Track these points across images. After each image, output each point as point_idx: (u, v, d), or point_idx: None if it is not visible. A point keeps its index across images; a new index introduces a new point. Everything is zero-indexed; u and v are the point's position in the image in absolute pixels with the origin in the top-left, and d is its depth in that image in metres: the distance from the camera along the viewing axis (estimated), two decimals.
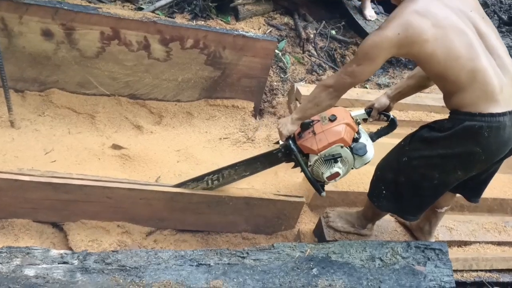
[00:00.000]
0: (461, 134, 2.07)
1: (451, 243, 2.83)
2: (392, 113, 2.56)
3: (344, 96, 3.55)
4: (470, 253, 2.84)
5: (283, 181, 3.18)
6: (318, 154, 2.30)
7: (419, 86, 2.45)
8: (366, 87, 4.14)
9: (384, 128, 2.57)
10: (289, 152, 2.44)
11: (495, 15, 4.61)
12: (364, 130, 2.48)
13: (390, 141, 2.57)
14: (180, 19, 3.75)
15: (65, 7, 2.98)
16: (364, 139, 2.40)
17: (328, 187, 2.99)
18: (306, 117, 2.32)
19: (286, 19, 4.24)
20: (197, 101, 3.55)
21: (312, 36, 4.19)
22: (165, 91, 3.44)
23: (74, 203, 2.56)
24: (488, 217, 3.17)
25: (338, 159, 2.28)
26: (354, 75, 2.09)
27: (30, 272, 1.98)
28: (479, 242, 2.92)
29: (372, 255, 2.41)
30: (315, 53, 4.16)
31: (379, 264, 2.38)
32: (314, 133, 2.32)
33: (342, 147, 2.29)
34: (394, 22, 1.98)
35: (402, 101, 3.62)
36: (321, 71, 4.07)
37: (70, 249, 2.55)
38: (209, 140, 3.42)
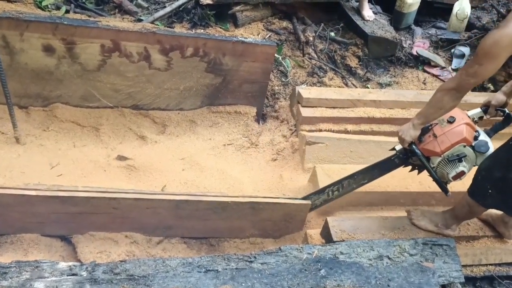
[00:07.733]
0: None
1: (459, 239, 2.82)
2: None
3: (344, 97, 3.58)
4: (478, 247, 2.83)
5: (288, 184, 3.18)
6: (442, 155, 2.41)
7: None
8: (367, 87, 4.14)
9: (499, 123, 2.63)
10: (406, 157, 2.56)
11: (494, 9, 4.60)
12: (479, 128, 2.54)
13: None
14: (179, 29, 3.77)
15: (65, 22, 3.02)
16: (483, 136, 2.48)
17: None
18: (429, 121, 2.41)
19: (284, 23, 4.24)
20: (200, 109, 3.57)
21: (311, 39, 4.20)
22: (167, 100, 3.46)
23: (82, 215, 2.58)
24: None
25: (463, 158, 2.39)
26: (477, 75, 2.14)
27: (39, 285, 2.00)
28: (487, 236, 2.89)
29: (380, 253, 2.41)
30: (315, 56, 4.17)
31: (387, 263, 2.38)
32: (435, 136, 2.43)
33: (464, 146, 2.40)
34: None
35: (406, 99, 3.64)
36: (322, 73, 4.07)
37: (79, 261, 2.56)
38: (213, 147, 3.44)
